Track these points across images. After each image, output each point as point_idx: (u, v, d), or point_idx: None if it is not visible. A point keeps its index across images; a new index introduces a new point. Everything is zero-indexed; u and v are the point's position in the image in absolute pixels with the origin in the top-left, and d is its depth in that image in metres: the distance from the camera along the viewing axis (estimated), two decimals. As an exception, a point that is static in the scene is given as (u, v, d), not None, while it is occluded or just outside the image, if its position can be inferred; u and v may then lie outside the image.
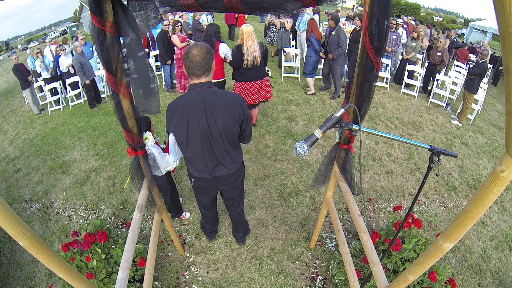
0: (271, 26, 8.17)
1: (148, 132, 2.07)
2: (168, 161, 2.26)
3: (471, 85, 5.51)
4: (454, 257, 2.92)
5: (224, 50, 3.97)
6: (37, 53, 7.09)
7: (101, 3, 1.33)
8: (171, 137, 1.98)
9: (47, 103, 6.84)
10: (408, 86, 6.78)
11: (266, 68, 4.11)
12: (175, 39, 5.91)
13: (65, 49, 6.80)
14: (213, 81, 3.51)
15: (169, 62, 6.34)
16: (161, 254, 2.88)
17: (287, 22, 7.23)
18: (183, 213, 3.26)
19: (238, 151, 2.08)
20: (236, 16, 10.05)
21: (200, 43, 1.77)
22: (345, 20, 6.75)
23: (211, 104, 1.76)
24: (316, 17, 7.39)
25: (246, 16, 9.76)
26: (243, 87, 4.05)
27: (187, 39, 6.14)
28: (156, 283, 2.54)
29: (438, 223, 3.29)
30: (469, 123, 5.76)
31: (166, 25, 6.18)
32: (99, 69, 7.16)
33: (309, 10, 7.16)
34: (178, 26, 5.99)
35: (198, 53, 1.69)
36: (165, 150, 2.42)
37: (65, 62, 6.62)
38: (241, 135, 2.00)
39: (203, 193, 2.30)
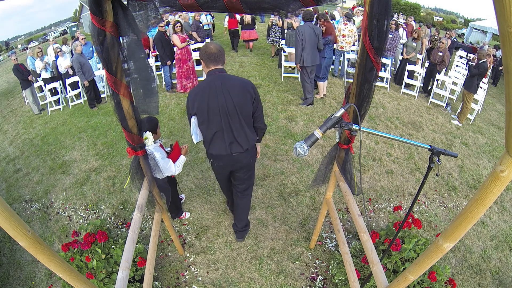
0: (273, 27, 8.14)
1: (148, 132, 2.07)
2: (170, 167, 2.30)
3: (470, 84, 5.51)
4: (454, 257, 2.92)
5: (238, 16, 8.54)
6: (38, 52, 7.08)
7: (101, 3, 1.33)
8: (193, 120, 2.18)
9: (47, 103, 6.84)
10: (408, 86, 6.78)
11: (255, 27, 8.99)
12: (175, 39, 5.90)
13: (60, 49, 6.80)
14: (232, 29, 9.18)
15: (168, 62, 6.33)
16: (161, 254, 2.88)
17: (295, 21, 7.23)
18: (183, 213, 3.26)
19: (252, 131, 2.29)
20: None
21: (214, 42, 2.13)
22: (347, 20, 6.76)
23: (228, 85, 2.05)
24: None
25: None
26: (244, 32, 8.85)
27: (187, 39, 6.14)
28: (156, 283, 2.54)
29: (438, 223, 3.29)
30: (469, 123, 5.76)
31: (162, 26, 6.16)
32: (99, 69, 7.16)
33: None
34: (178, 26, 5.99)
35: (215, 47, 2.05)
36: (170, 155, 2.44)
37: (64, 63, 6.61)
38: (253, 115, 2.24)
39: (220, 172, 2.54)
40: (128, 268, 1.56)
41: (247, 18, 8.51)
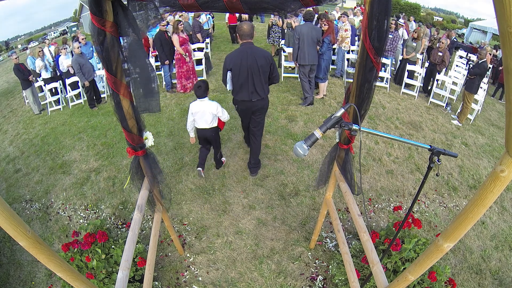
0: (274, 27, 8.13)
1: (148, 132, 2.07)
2: (225, 113, 3.42)
3: (471, 85, 5.50)
4: (454, 257, 2.92)
5: (237, 14, 9.18)
6: (39, 51, 7.08)
7: (101, 3, 1.33)
8: (229, 73, 3.18)
9: (47, 103, 6.84)
10: (408, 86, 6.78)
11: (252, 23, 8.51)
12: (175, 39, 5.90)
13: (66, 48, 6.79)
14: (232, 24, 10.03)
15: (167, 62, 6.32)
16: (161, 254, 2.88)
17: (294, 21, 7.23)
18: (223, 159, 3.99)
19: (266, 86, 3.27)
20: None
21: (248, 22, 3.12)
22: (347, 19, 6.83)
23: (255, 52, 3.07)
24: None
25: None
26: None
27: (188, 41, 6.13)
28: (156, 283, 2.54)
29: (438, 223, 3.29)
30: (469, 123, 5.76)
31: (163, 25, 6.15)
32: (99, 69, 7.15)
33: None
34: (181, 25, 5.97)
35: (247, 26, 3.04)
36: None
37: (65, 62, 6.61)
38: (270, 76, 3.23)
39: (243, 115, 3.52)
40: (128, 268, 1.56)
41: (245, 15, 8.96)
